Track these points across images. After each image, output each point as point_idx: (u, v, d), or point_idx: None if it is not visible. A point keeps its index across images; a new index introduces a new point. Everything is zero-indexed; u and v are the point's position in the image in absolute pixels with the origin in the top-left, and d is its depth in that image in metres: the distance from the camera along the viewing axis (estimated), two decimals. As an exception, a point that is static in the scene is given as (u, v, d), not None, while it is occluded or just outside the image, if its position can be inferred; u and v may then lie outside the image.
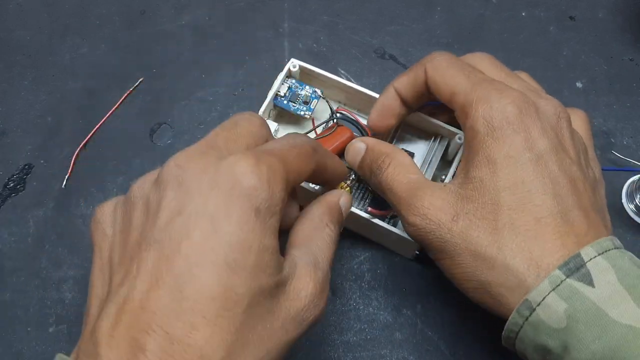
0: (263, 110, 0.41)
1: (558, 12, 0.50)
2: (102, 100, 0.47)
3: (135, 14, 0.50)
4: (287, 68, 0.41)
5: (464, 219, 0.30)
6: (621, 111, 0.46)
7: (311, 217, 0.30)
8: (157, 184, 0.26)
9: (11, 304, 0.41)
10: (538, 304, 0.27)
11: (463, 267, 0.30)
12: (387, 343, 0.39)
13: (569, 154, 0.31)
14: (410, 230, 0.32)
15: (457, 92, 0.32)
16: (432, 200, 0.31)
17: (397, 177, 0.33)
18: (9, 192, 0.44)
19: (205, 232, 0.24)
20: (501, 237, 0.29)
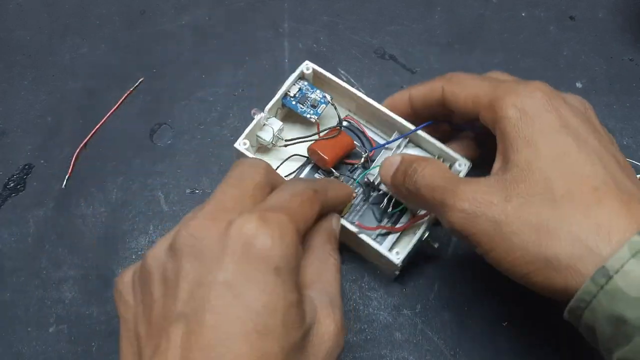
0: (270, 106, 0.40)
1: (558, 12, 0.50)
2: (102, 100, 0.47)
3: (135, 14, 0.50)
4: (300, 69, 0.41)
5: (517, 198, 0.29)
6: (621, 111, 0.46)
7: (315, 249, 0.30)
8: (172, 253, 0.26)
9: (11, 304, 0.41)
10: (616, 271, 0.26)
11: (523, 248, 0.29)
12: (387, 343, 0.39)
13: (603, 135, 0.32)
14: (457, 219, 0.31)
15: (480, 95, 0.33)
16: (479, 187, 0.31)
17: (436, 173, 0.33)
18: (9, 192, 0.44)
19: (229, 301, 0.24)
20: (562, 208, 0.28)
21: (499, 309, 0.40)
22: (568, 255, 0.28)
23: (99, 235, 0.43)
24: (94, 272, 0.42)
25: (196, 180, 0.45)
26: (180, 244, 0.26)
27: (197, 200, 0.44)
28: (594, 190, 0.28)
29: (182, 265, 0.25)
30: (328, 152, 0.39)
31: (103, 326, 0.41)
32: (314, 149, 0.40)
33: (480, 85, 0.34)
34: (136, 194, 0.44)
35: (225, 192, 0.28)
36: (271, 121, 0.41)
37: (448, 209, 0.31)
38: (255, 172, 0.29)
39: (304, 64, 0.41)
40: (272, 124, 0.40)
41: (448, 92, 0.35)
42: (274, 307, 0.24)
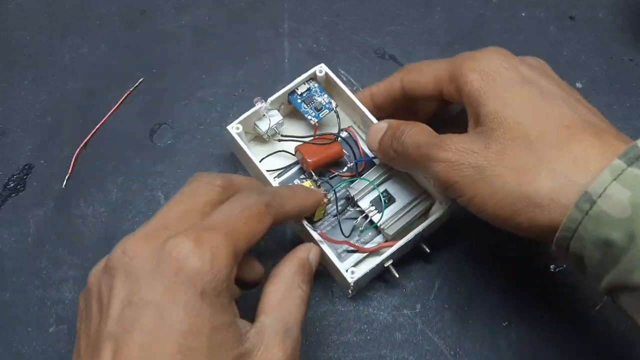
0: (274, 98, 0.41)
1: (558, 12, 0.50)
2: (102, 100, 0.47)
3: (135, 14, 0.50)
4: (313, 70, 0.41)
5: (495, 144, 0.31)
6: (621, 111, 0.46)
7: (283, 277, 0.31)
8: (106, 271, 0.27)
9: (11, 304, 0.41)
10: (599, 195, 0.27)
11: (505, 190, 0.30)
12: (387, 343, 0.39)
13: (564, 84, 0.34)
14: (442, 168, 0.32)
15: (440, 72, 0.35)
16: (461, 138, 0.32)
17: (422, 132, 0.35)
18: (9, 192, 0.44)
19: (155, 322, 0.25)
20: (538, 147, 0.30)
21: (499, 309, 0.40)
22: (549, 189, 0.29)
23: (99, 236, 0.43)
24: (94, 272, 0.42)
25: (196, 180, 0.45)
26: (114, 262, 0.27)
27: (197, 200, 0.44)
28: (565, 128, 0.30)
29: (114, 284, 0.26)
30: (311, 156, 0.40)
31: (103, 326, 0.41)
32: (299, 150, 0.40)
33: (437, 65, 0.36)
34: (136, 194, 0.44)
35: (171, 208, 0.29)
36: (272, 113, 0.41)
37: (433, 161, 0.32)
38: (209, 189, 0.30)
39: (318, 67, 0.41)
40: (272, 116, 0.41)
41: (408, 82, 0.37)
42: (198, 329, 0.25)
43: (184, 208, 0.29)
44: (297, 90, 0.41)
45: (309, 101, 0.41)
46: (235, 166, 0.45)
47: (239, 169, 0.45)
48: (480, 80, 0.33)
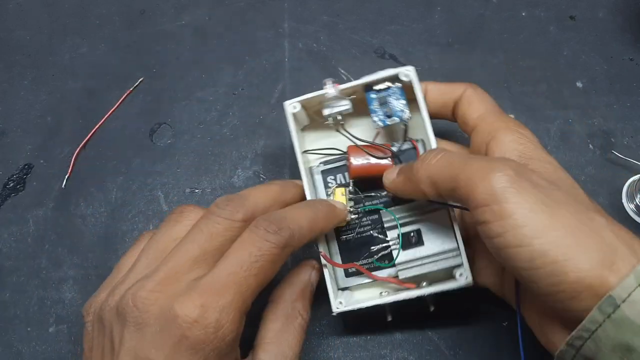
0: (346, 87, 0.37)
1: (558, 12, 0.50)
2: (102, 100, 0.47)
3: (135, 13, 0.50)
4: (399, 71, 0.36)
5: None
6: (621, 111, 0.46)
7: (283, 303, 0.31)
8: (119, 317, 0.29)
9: (11, 303, 0.41)
10: (623, 300, 0.25)
11: (531, 243, 0.27)
12: (387, 343, 0.39)
13: (577, 187, 0.32)
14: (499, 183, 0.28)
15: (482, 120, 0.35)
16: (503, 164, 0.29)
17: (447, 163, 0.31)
18: (9, 192, 0.44)
19: None
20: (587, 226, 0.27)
21: (499, 308, 0.40)
22: (587, 271, 0.26)
23: (99, 235, 0.43)
24: (94, 272, 0.42)
25: (196, 179, 0.45)
26: (126, 310, 0.28)
27: (196, 200, 0.44)
28: (590, 220, 0.28)
29: (124, 333, 0.28)
30: (357, 163, 0.36)
31: (103, 326, 0.41)
32: (350, 151, 0.36)
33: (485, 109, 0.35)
34: (136, 193, 0.44)
35: (187, 251, 0.30)
36: (338, 102, 0.37)
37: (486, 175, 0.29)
38: (228, 227, 0.30)
39: (406, 68, 0.36)
40: (338, 103, 0.37)
41: (465, 100, 0.36)
42: None
43: (198, 253, 0.29)
44: (375, 85, 0.37)
45: (384, 102, 0.36)
46: (235, 166, 0.45)
47: (239, 168, 0.45)
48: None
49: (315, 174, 0.38)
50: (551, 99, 0.47)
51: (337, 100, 0.37)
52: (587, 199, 0.30)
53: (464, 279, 0.35)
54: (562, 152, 0.45)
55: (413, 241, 0.36)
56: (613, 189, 0.44)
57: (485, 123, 0.35)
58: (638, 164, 0.44)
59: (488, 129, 0.34)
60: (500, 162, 0.28)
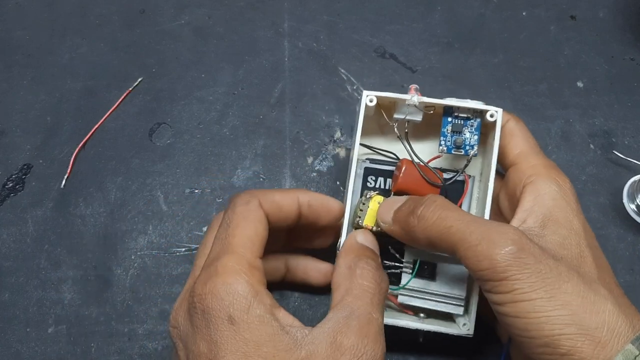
0: (427, 101, 0.35)
1: (559, 12, 0.50)
2: (101, 100, 0.47)
3: (134, 13, 0.50)
4: (488, 108, 0.35)
5: (560, 254, 0.30)
6: (622, 111, 0.46)
7: (339, 268, 0.31)
8: (173, 340, 0.31)
9: (10, 304, 0.41)
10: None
11: (565, 307, 0.28)
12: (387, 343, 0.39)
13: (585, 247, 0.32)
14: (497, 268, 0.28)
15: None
16: (519, 233, 0.29)
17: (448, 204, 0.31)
18: (8, 192, 0.44)
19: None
20: (599, 287, 0.29)
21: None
22: (570, 345, 0.27)
23: (98, 236, 0.43)
24: (93, 272, 0.42)
25: (195, 179, 0.45)
26: (171, 336, 0.31)
27: (196, 200, 0.44)
28: (616, 286, 0.30)
29: (178, 353, 0.30)
30: (407, 179, 0.35)
31: (102, 327, 0.40)
32: (403, 164, 0.35)
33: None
34: (135, 193, 0.44)
35: (196, 264, 0.32)
36: (412, 110, 0.36)
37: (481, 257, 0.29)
38: (226, 236, 0.31)
39: (495, 109, 0.35)
40: (413, 112, 0.36)
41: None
42: (244, 353, 0.27)
43: (202, 260, 0.31)
44: (457, 112, 0.36)
45: (457, 130, 0.36)
46: (235, 166, 0.45)
47: (239, 168, 0.45)
48: None
49: (358, 168, 0.37)
50: (552, 98, 0.46)
51: (413, 109, 0.36)
52: (594, 268, 0.30)
53: (466, 330, 0.35)
54: (563, 152, 0.45)
55: (425, 273, 0.35)
56: (614, 189, 0.44)
57: (526, 163, 0.34)
58: (639, 164, 0.44)
59: (529, 172, 0.34)
60: (503, 236, 0.29)
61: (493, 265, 0.28)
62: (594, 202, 0.43)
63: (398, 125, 0.36)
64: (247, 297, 0.28)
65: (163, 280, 0.42)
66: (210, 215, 0.44)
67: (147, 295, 0.41)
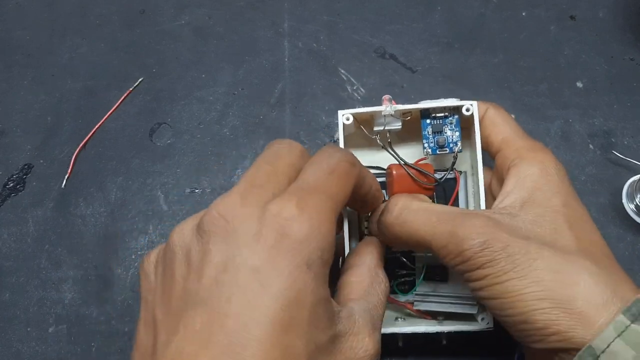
0: (405, 108, 0.36)
1: (558, 12, 0.50)
2: (101, 100, 0.47)
3: (135, 13, 0.50)
4: (463, 103, 0.35)
5: (533, 232, 0.30)
6: (622, 111, 0.46)
7: (368, 268, 0.30)
8: (199, 234, 0.25)
9: (11, 304, 0.41)
10: (602, 350, 0.26)
11: (537, 283, 0.28)
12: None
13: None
14: (469, 256, 0.29)
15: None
16: (485, 221, 0.30)
17: (420, 216, 0.31)
18: (9, 192, 0.44)
19: (255, 291, 0.23)
20: (579, 259, 0.29)
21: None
22: (585, 300, 0.27)
23: (99, 235, 0.43)
24: (94, 272, 0.42)
25: (196, 179, 0.45)
26: (209, 224, 0.24)
27: (196, 200, 0.44)
28: (605, 257, 0.30)
29: (208, 248, 0.24)
30: (401, 183, 0.35)
31: (103, 326, 0.40)
32: (392, 169, 0.35)
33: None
34: (136, 193, 0.44)
35: (259, 168, 0.27)
36: (390, 120, 0.36)
37: (454, 250, 0.30)
38: (291, 152, 0.28)
39: (469, 103, 0.35)
40: (391, 121, 0.36)
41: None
42: (301, 301, 0.23)
43: (270, 169, 0.27)
44: (435, 112, 0.36)
45: (438, 130, 0.36)
46: (235, 165, 0.45)
47: (239, 168, 0.45)
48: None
49: None
50: (551, 98, 0.46)
51: (390, 118, 0.36)
52: (572, 242, 0.30)
53: (485, 324, 0.35)
54: (563, 152, 0.45)
55: (437, 276, 0.36)
56: (613, 189, 0.44)
57: (510, 148, 0.34)
58: (638, 164, 0.44)
59: (512, 156, 0.34)
60: (469, 230, 0.29)
61: (464, 260, 0.29)
62: (594, 202, 0.43)
63: (380, 136, 0.36)
64: (330, 252, 0.24)
65: (163, 280, 0.42)
66: (210, 215, 0.44)
67: (147, 295, 0.41)
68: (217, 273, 0.23)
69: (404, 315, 0.37)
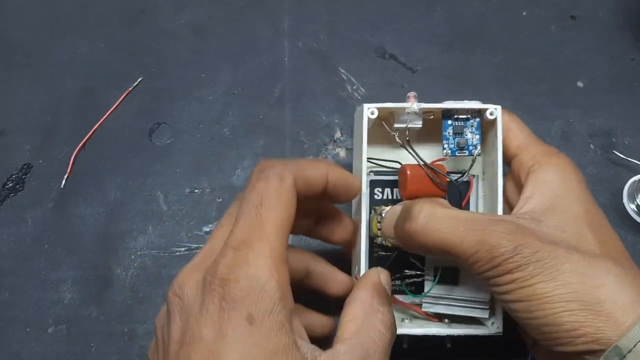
0: (429, 107, 0.35)
1: (559, 12, 0.50)
2: (101, 100, 0.47)
3: (134, 12, 0.50)
4: (487, 106, 0.35)
5: (558, 237, 0.30)
6: (622, 111, 0.46)
7: (360, 303, 0.29)
8: (166, 314, 0.27)
9: (10, 304, 0.41)
10: (629, 350, 0.26)
11: (565, 286, 0.28)
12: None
13: None
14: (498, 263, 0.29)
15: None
16: (514, 227, 0.30)
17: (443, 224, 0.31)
18: (8, 192, 0.44)
19: (207, 359, 0.24)
20: (602, 261, 0.29)
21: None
22: (613, 300, 0.28)
23: (98, 236, 0.43)
24: (93, 272, 0.42)
25: (195, 179, 0.44)
26: (169, 303, 0.27)
27: (196, 200, 0.44)
28: (627, 259, 0.31)
29: (170, 327, 0.26)
30: (414, 183, 0.34)
31: (102, 327, 0.40)
32: (406, 169, 0.34)
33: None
34: (135, 193, 0.44)
35: (216, 235, 0.29)
36: (412, 118, 0.35)
37: (482, 258, 0.30)
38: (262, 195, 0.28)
39: (493, 106, 0.35)
40: (412, 119, 0.35)
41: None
42: (252, 357, 0.24)
43: (228, 227, 0.28)
44: (457, 114, 0.36)
45: (459, 131, 0.36)
46: (235, 165, 0.45)
47: (239, 168, 0.45)
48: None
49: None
50: (552, 98, 0.46)
51: (412, 116, 0.35)
52: (595, 245, 0.30)
53: (495, 329, 0.35)
54: (564, 152, 0.44)
55: (448, 279, 0.35)
56: (614, 189, 0.44)
57: (527, 154, 0.35)
58: (639, 164, 0.44)
59: (530, 162, 0.34)
60: (499, 236, 0.29)
61: (494, 266, 0.29)
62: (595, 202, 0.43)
63: (399, 134, 0.36)
64: (273, 298, 0.25)
65: (163, 280, 0.42)
66: (210, 214, 0.44)
67: (146, 295, 0.41)
68: (177, 349, 0.25)
69: (409, 316, 0.37)
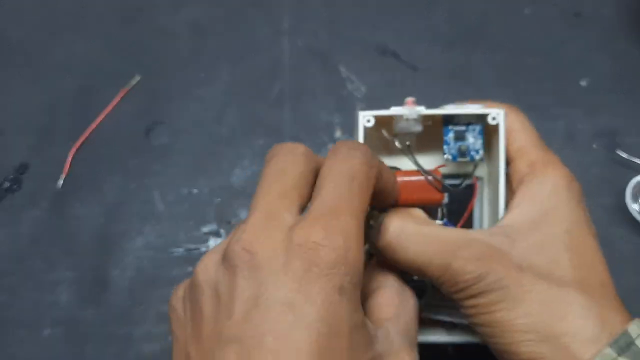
0: (428, 112, 0.34)
1: (562, 10, 0.49)
2: (98, 99, 0.46)
3: (132, 10, 0.50)
4: (490, 111, 0.33)
5: (529, 261, 0.29)
6: (626, 110, 0.46)
7: (395, 287, 0.29)
8: (225, 268, 0.24)
9: (6, 306, 0.41)
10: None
11: (527, 315, 0.28)
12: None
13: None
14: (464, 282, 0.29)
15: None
16: (481, 251, 0.29)
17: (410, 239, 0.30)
18: (4, 192, 0.44)
19: (289, 323, 0.22)
20: (570, 293, 0.29)
21: None
22: (572, 334, 0.27)
23: (95, 236, 0.42)
24: (90, 273, 0.42)
25: (193, 179, 0.44)
26: (235, 258, 0.24)
27: (194, 200, 0.44)
28: (601, 286, 0.29)
29: (237, 282, 0.23)
30: (408, 190, 0.33)
31: (99, 329, 0.40)
32: (397, 176, 0.33)
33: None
34: (132, 194, 0.44)
35: (270, 190, 0.26)
36: (411, 124, 0.34)
37: (449, 276, 0.30)
38: (296, 160, 0.27)
39: (496, 111, 0.33)
40: (409, 126, 0.34)
41: None
42: (337, 329, 0.23)
43: (280, 189, 0.26)
44: (457, 118, 0.35)
45: (460, 137, 0.35)
46: (233, 165, 0.44)
47: (237, 168, 0.44)
48: None
49: None
50: (555, 97, 0.46)
51: (412, 121, 0.34)
52: (569, 271, 0.29)
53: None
54: (567, 152, 0.44)
55: None
56: (617, 189, 0.43)
57: (524, 161, 0.33)
58: (643, 163, 0.44)
59: (525, 171, 0.32)
60: (465, 262, 0.29)
61: (458, 290, 0.29)
62: (598, 202, 0.43)
63: (399, 139, 0.35)
64: (360, 273, 0.24)
65: (161, 282, 0.41)
66: (209, 215, 0.43)
67: (144, 297, 0.41)
68: (248, 309, 0.23)
69: None
